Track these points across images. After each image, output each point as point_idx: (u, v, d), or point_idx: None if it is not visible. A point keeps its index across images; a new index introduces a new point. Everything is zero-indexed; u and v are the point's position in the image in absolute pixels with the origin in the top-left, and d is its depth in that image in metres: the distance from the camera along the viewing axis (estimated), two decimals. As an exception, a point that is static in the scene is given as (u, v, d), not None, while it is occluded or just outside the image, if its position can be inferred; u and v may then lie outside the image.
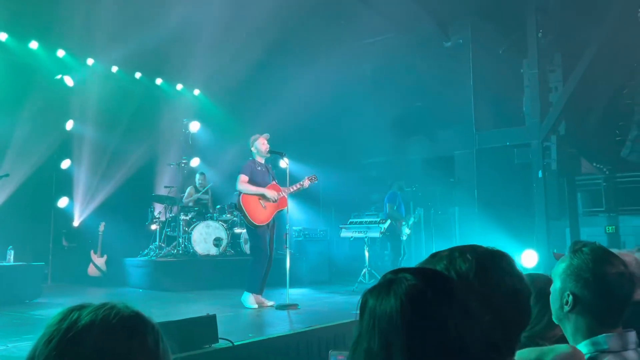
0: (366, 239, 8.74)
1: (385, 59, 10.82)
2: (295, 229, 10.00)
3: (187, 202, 9.43)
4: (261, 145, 6.39)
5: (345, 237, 9.15)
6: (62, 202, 9.32)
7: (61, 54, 9.11)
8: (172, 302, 6.55)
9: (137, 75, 10.19)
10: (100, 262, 8.79)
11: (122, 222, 9.16)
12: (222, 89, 10.48)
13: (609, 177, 10.48)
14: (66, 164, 9.33)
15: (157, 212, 9.49)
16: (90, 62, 9.49)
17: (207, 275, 8.26)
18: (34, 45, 8.75)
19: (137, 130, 9.70)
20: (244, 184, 6.18)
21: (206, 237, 8.74)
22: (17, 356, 3.58)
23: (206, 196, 9.78)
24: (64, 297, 6.88)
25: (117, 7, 8.06)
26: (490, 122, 10.60)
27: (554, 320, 1.65)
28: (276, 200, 6.27)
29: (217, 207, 9.34)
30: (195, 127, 10.47)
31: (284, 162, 6.46)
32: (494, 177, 10.26)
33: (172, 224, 9.14)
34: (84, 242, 9.11)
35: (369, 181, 11.55)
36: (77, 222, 9.38)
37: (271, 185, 6.37)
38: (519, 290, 1.23)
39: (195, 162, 10.77)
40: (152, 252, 8.85)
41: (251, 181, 6.25)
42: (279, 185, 6.45)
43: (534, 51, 10.00)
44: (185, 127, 10.14)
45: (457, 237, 10.11)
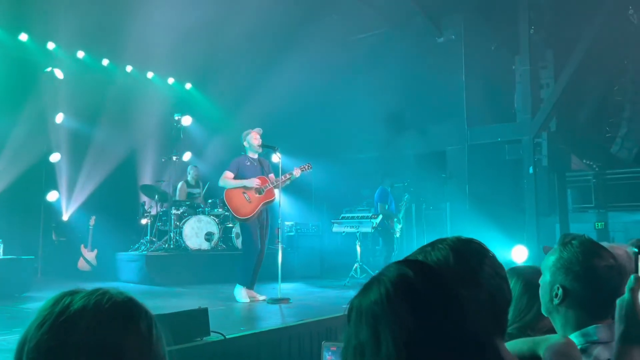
0: (358, 234, 8.75)
1: (378, 53, 10.82)
2: (287, 223, 10.00)
3: (180, 197, 9.40)
4: (253, 139, 6.36)
5: (337, 232, 9.16)
6: (52, 195, 9.25)
7: (51, 46, 9.03)
8: (164, 296, 6.53)
9: (128, 68, 10.13)
10: (90, 256, 8.74)
11: (112, 216, 9.11)
12: (214, 82, 10.43)
13: (599, 173, 10.57)
14: (56, 158, 9.26)
15: (148, 206, 9.44)
16: (80, 54, 9.41)
17: (198, 269, 8.24)
18: (23, 37, 8.67)
19: (127, 124, 9.64)
20: (224, 179, 6.25)
21: (198, 232, 8.71)
22: (7, 349, 3.55)
23: (197, 190, 9.75)
24: (54, 290, 6.63)
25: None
26: (482, 118, 10.64)
27: (544, 312, 1.65)
28: (260, 189, 6.23)
29: (209, 201, 9.30)
30: (187, 121, 10.42)
31: (277, 156, 6.46)
32: (486, 172, 10.31)
33: (163, 218, 9.10)
34: (74, 236, 9.06)
35: (362, 176, 11.56)
36: (66, 216, 9.32)
37: (261, 178, 6.34)
38: (497, 267, 1.25)
39: (187, 156, 10.73)
40: (144, 247, 8.82)
41: (239, 177, 6.24)
42: (267, 178, 6.42)
43: (526, 47, 10.04)
44: (177, 122, 10.08)
45: (449, 233, 10.06)
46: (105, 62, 9.75)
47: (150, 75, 10.55)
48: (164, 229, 9.02)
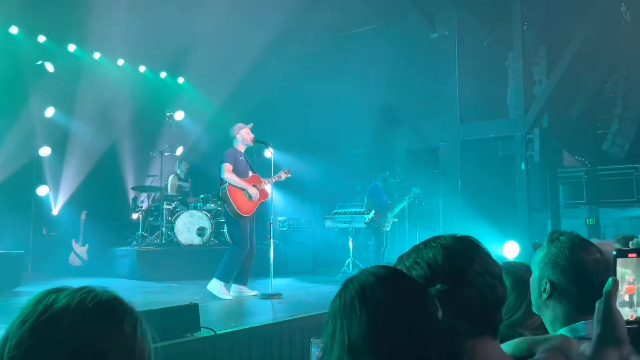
0: (350, 230, 8.75)
1: (371, 49, 10.80)
2: (279, 219, 10.00)
3: (172, 192, 9.36)
4: (247, 134, 6.26)
5: (329, 227, 9.16)
6: (42, 190, 9.18)
7: (42, 39, 8.95)
8: (155, 292, 6.51)
9: (120, 62, 10.06)
10: (81, 251, 8.70)
11: (103, 211, 9.07)
12: (206, 77, 10.37)
13: (591, 169, 10.65)
14: (46, 152, 9.19)
15: (140, 201, 9.40)
16: (71, 48, 9.34)
17: (190, 264, 8.20)
18: (13, 30, 8.58)
19: (118, 117, 9.58)
20: (230, 173, 6.04)
21: (190, 227, 8.68)
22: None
23: (187, 184, 9.72)
24: (45, 286, 6.49)
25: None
26: (474, 114, 10.66)
27: (534, 309, 1.66)
28: (257, 197, 6.21)
29: (201, 196, 9.27)
30: (179, 115, 10.38)
31: (269, 151, 6.41)
32: (478, 168, 10.34)
33: (155, 213, 9.06)
34: (64, 231, 9.00)
35: (354, 172, 11.57)
36: (56, 211, 9.25)
37: (253, 176, 6.29)
38: (489, 265, 1.25)
39: (179, 150, 10.68)
40: (135, 242, 8.78)
41: (234, 170, 6.15)
42: (259, 176, 6.38)
43: (519, 44, 10.06)
44: (169, 117, 10.03)
45: (441, 228, 10.17)
46: (96, 55, 9.67)
47: (142, 69, 10.48)
48: (155, 224, 8.98)
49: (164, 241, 8.62)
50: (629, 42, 10.36)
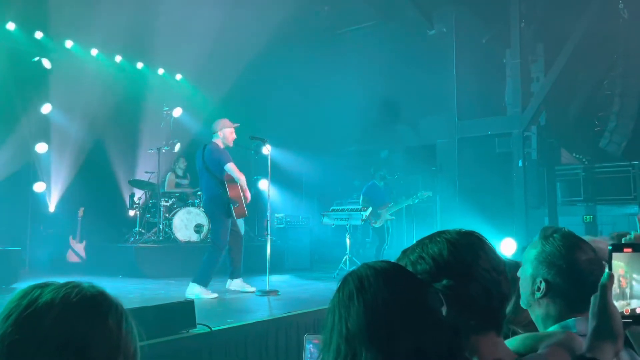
0: (348, 227, 8.76)
1: (368, 46, 10.79)
2: (277, 215, 9.99)
3: (169, 189, 9.35)
4: (229, 134, 6.09)
5: (326, 224, 9.16)
6: (39, 186, 9.17)
7: (39, 35, 8.92)
8: (152, 288, 6.51)
9: (118, 58, 10.03)
10: (79, 247, 8.70)
11: (101, 208, 9.05)
12: (205, 74, 10.35)
13: (588, 167, 10.65)
14: (43, 148, 9.17)
15: (137, 197, 9.39)
16: (69, 44, 9.31)
17: (188, 261, 8.19)
18: (11, 26, 8.55)
19: (116, 114, 9.56)
20: (239, 172, 5.85)
21: (187, 224, 8.68)
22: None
23: (185, 180, 9.71)
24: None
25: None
26: (472, 112, 10.65)
27: (523, 305, 1.65)
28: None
29: (199, 193, 9.25)
30: (177, 112, 10.36)
31: (266, 148, 6.38)
32: (475, 165, 10.33)
33: (152, 210, 9.06)
34: (62, 228, 8.99)
35: (352, 169, 11.57)
36: (52, 208, 9.24)
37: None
38: (494, 261, 1.25)
39: (177, 147, 10.65)
40: (133, 238, 8.78)
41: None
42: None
43: (517, 41, 10.05)
44: (167, 114, 10.01)
45: (438, 225, 10.18)
46: (94, 52, 9.65)
47: (140, 65, 10.46)
48: (153, 221, 8.98)
49: (161, 238, 8.62)
50: (627, 39, 10.35)
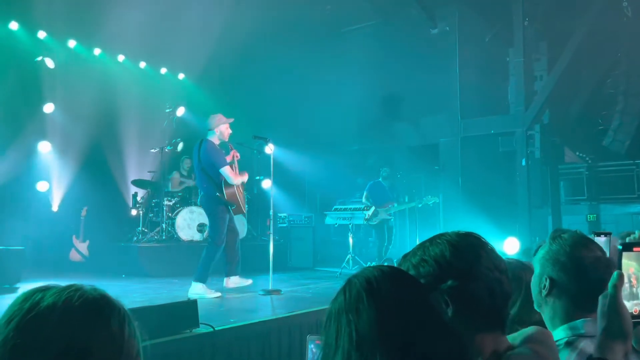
0: (350, 226, 8.75)
1: (371, 45, 10.77)
2: (280, 215, 10.00)
3: (174, 188, 9.35)
4: (225, 129, 6.01)
5: (329, 223, 9.16)
6: (42, 186, 9.18)
7: (42, 35, 8.93)
8: (155, 288, 6.52)
9: (120, 58, 10.04)
10: (82, 247, 8.71)
11: (104, 207, 9.06)
12: (207, 73, 10.35)
13: (591, 166, 10.60)
14: (46, 148, 9.19)
15: (140, 197, 9.39)
16: (72, 44, 9.32)
17: (190, 261, 8.18)
18: (14, 26, 8.56)
19: (119, 113, 9.57)
20: (235, 176, 5.85)
21: (190, 223, 8.69)
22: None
23: (190, 180, 9.71)
24: (45, 281, 6.69)
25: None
26: (475, 110, 10.62)
27: (535, 307, 1.66)
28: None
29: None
30: (180, 112, 10.36)
31: (269, 148, 6.37)
32: (478, 164, 10.30)
33: (155, 209, 9.07)
34: (65, 227, 9.01)
35: (355, 168, 11.55)
36: (55, 207, 9.26)
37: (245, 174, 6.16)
38: (496, 260, 1.26)
39: (180, 146, 10.65)
40: (136, 238, 8.79)
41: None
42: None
43: (520, 40, 10.01)
44: (170, 113, 10.01)
45: (441, 225, 10.17)
46: (97, 51, 9.65)
47: (142, 65, 10.47)
48: (156, 220, 8.99)
49: (164, 237, 8.63)
50: (631, 37, 10.30)
